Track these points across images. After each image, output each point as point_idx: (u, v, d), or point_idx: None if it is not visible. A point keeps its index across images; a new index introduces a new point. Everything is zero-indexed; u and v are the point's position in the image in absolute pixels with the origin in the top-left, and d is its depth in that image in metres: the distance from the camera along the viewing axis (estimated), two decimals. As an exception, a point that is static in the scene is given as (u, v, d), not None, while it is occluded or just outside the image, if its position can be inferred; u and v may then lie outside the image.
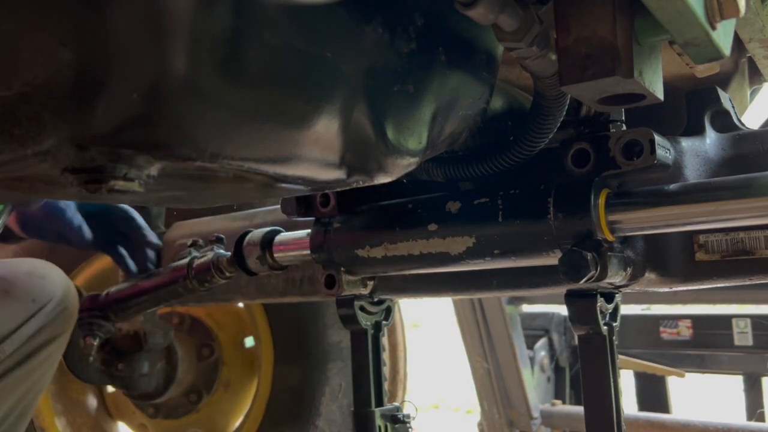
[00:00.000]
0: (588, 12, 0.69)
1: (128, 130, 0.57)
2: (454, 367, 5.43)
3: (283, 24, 0.62)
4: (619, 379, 1.02)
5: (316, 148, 0.73)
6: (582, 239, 0.90)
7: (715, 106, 1.05)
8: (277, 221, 1.50)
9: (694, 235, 0.96)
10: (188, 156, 0.61)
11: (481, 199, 1.00)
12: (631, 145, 0.91)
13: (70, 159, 0.57)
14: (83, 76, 0.53)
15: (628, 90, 0.72)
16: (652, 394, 3.37)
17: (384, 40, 0.72)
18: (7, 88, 0.54)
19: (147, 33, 0.53)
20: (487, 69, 0.89)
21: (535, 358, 3.23)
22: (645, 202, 0.90)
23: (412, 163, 0.87)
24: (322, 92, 0.69)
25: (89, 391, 2.29)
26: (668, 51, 0.80)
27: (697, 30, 0.65)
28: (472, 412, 5.70)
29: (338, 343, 1.98)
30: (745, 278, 0.95)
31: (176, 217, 2.03)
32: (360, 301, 1.22)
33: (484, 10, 0.63)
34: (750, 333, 3.06)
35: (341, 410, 1.98)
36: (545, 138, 0.94)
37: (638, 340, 3.31)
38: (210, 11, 0.55)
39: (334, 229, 1.14)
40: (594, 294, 0.99)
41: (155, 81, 0.55)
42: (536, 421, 3.04)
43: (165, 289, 1.45)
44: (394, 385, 2.14)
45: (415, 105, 0.80)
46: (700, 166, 0.99)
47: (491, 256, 0.99)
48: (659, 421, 2.77)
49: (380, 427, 1.21)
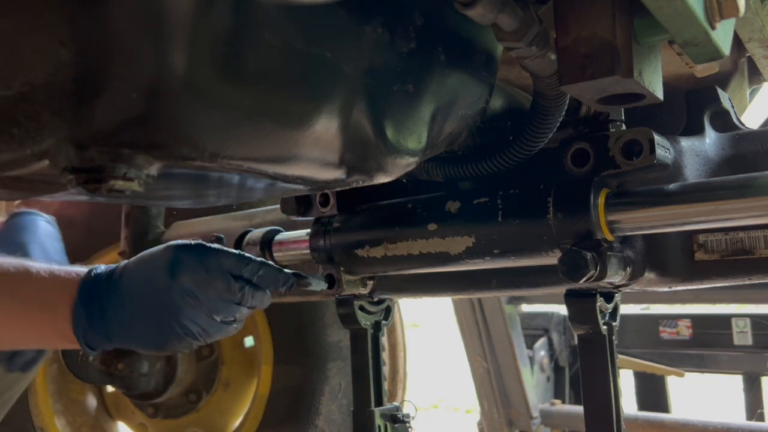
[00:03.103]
0: (587, 12, 0.69)
1: (128, 130, 0.57)
2: (453, 366, 5.43)
3: (283, 24, 0.62)
4: (618, 378, 1.02)
5: (316, 148, 0.73)
6: (581, 239, 0.90)
7: (715, 105, 1.05)
8: (277, 221, 1.51)
9: (693, 234, 0.96)
10: (188, 156, 0.61)
11: (481, 198, 1.00)
12: (631, 144, 0.91)
13: (70, 159, 0.57)
14: (83, 76, 0.53)
15: (628, 90, 0.72)
16: (651, 393, 3.38)
17: (383, 40, 0.72)
18: (7, 88, 0.54)
19: (146, 33, 0.53)
20: (486, 69, 0.89)
21: (534, 358, 3.23)
22: (644, 202, 0.90)
23: (411, 163, 0.87)
24: (322, 92, 0.69)
25: (89, 391, 2.29)
26: (668, 51, 0.80)
27: (696, 30, 0.65)
28: (472, 412, 5.71)
29: (338, 343, 1.98)
30: (745, 278, 0.95)
31: (176, 217, 2.04)
32: (359, 300, 1.22)
33: (484, 10, 0.63)
34: (749, 333, 3.06)
35: (341, 410, 1.98)
36: (545, 138, 0.94)
37: (638, 340, 3.32)
38: (209, 11, 0.55)
39: (334, 229, 1.14)
40: (593, 293, 0.99)
41: (154, 81, 0.55)
42: (536, 421, 3.04)
43: (164, 289, 1.44)
44: (393, 385, 2.15)
45: (415, 105, 0.80)
46: (699, 165, 0.99)
47: (491, 255, 0.99)
48: (659, 420, 2.77)
49: (380, 427, 1.21)
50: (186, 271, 0.96)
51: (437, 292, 1.21)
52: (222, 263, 0.98)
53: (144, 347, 1.01)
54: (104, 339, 0.99)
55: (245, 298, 0.99)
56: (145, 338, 0.99)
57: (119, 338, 0.99)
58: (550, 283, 1.06)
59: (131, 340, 1.00)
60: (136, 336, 0.99)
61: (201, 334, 0.98)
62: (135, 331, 0.99)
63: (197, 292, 0.96)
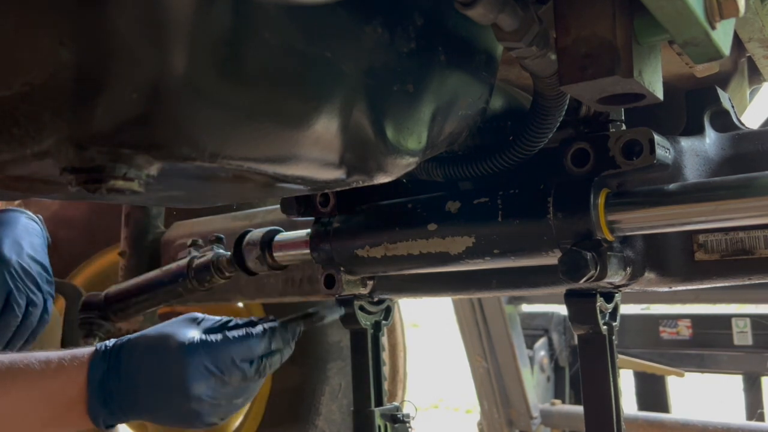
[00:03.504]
0: (587, 12, 0.69)
1: (128, 130, 0.57)
2: (453, 366, 5.43)
3: (283, 24, 0.62)
4: (618, 378, 1.02)
5: (316, 148, 0.73)
6: (581, 239, 0.90)
7: (715, 105, 1.05)
8: (277, 221, 1.51)
9: (693, 234, 0.96)
10: (188, 156, 0.61)
11: (481, 198, 1.00)
12: (631, 144, 0.91)
13: (70, 159, 0.57)
14: (83, 76, 0.53)
15: (628, 90, 0.72)
16: (651, 393, 3.38)
17: (383, 40, 0.72)
18: (7, 88, 0.54)
19: (146, 33, 0.53)
20: (486, 69, 0.89)
21: (534, 358, 3.23)
22: (644, 202, 0.90)
23: (411, 163, 0.87)
24: (322, 92, 0.69)
25: (89, 390, 2.29)
26: (668, 51, 0.80)
27: (696, 30, 0.65)
28: (472, 412, 5.71)
29: (338, 343, 1.98)
30: (745, 278, 0.95)
31: (176, 217, 2.04)
32: (359, 300, 1.22)
33: (484, 9, 0.63)
34: (749, 333, 3.06)
35: (341, 410, 1.98)
36: (545, 138, 0.94)
37: (638, 340, 3.32)
38: (209, 11, 0.55)
39: (334, 229, 1.14)
40: (593, 294, 0.99)
41: (154, 81, 0.55)
42: (536, 421, 3.04)
43: (165, 289, 1.45)
44: (393, 385, 2.14)
45: (415, 105, 0.80)
46: (699, 165, 0.99)
47: (491, 255, 0.99)
48: (659, 420, 2.77)
49: (380, 427, 1.21)
50: (200, 380, 0.96)
51: (437, 292, 1.21)
52: (234, 356, 0.98)
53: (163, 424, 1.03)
54: (121, 417, 1.00)
55: (263, 373, 1.01)
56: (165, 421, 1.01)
57: (136, 417, 1.01)
58: (550, 283, 1.06)
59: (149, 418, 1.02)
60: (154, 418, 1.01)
61: (225, 417, 1.01)
62: (154, 416, 1.00)
63: (215, 393, 0.97)
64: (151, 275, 1.55)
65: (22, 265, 1.33)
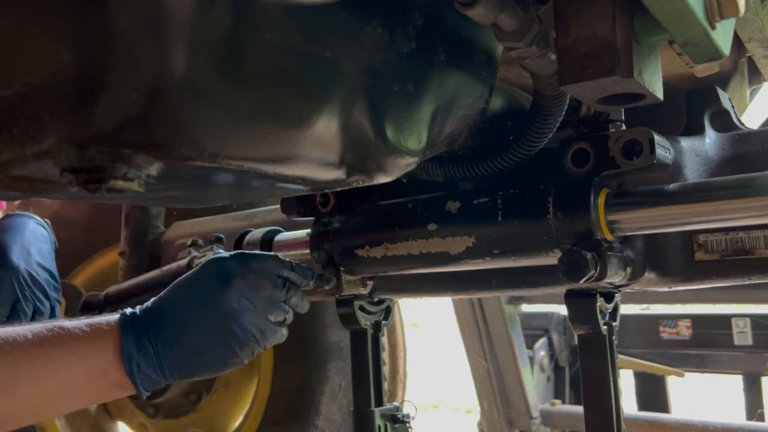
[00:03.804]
0: (587, 12, 0.69)
1: (128, 130, 0.57)
2: (453, 366, 5.43)
3: (283, 24, 0.62)
4: (618, 378, 1.02)
5: (316, 148, 0.73)
6: (581, 239, 0.90)
7: (715, 105, 1.05)
8: (277, 221, 1.50)
9: (693, 234, 0.96)
10: (188, 156, 0.61)
11: (481, 198, 1.00)
12: (631, 144, 0.91)
13: (70, 159, 0.57)
14: (83, 76, 0.53)
15: (628, 90, 0.72)
16: (651, 393, 3.38)
17: (383, 40, 0.72)
18: (7, 88, 0.54)
19: (146, 33, 0.53)
20: (486, 69, 0.89)
21: (534, 358, 3.23)
22: (644, 202, 0.90)
23: (411, 163, 0.87)
24: (322, 92, 0.69)
25: (89, 390, 2.29)
26: (668, 51, 0.80)
27: (696, 30, 0.65)
28: (472, 412, 5.71)
29: (338, 343, 1.97)
30: (745, 278, 0.95)
31: (176, 217, 2.04)
32: (360, 300, 1.22)
33: (484, 10, 0.63)
34: (749, 333, 3.06)
35: (341, 410, 1.98)
36: (545, 138, 0.94)
37: (638, 340, 3.32)
38: (209, 11, 0.55)
39: (334, 229, 1.14)
40: (593, 294, 0.99)
41: (154, 81, 0.55)
42: (536, 421, 3.04)
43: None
44: (393, 385, 2.14)
45: (415, 105, 0.80)
46: (699, 165, 0.99)
47: (491, 255, 0.99)
48: (659, 420, 2.77)
49: (380, 427, 1.21)
50: (237, 275, 0.98)
51: (437, 292, 1.21)
52: (264, 265, 1.01)
53: (204, 368, 1.00)
54: (160, 375, 0.97)
55: (289, 296, 1.03)
56: (206, 357, 0.98)
57: (177, 368, 0.98)
58: (550, 283, 1.06)
59: (190, 365, 0.99)
60: (194, 357, 0.98)
61: (260, 337, 0.99)
62: (194, 351, 0.98)
63: (251, 294, 0.98)
64: (151, 275, 1.55)
65: (30, 273, 1.33)
